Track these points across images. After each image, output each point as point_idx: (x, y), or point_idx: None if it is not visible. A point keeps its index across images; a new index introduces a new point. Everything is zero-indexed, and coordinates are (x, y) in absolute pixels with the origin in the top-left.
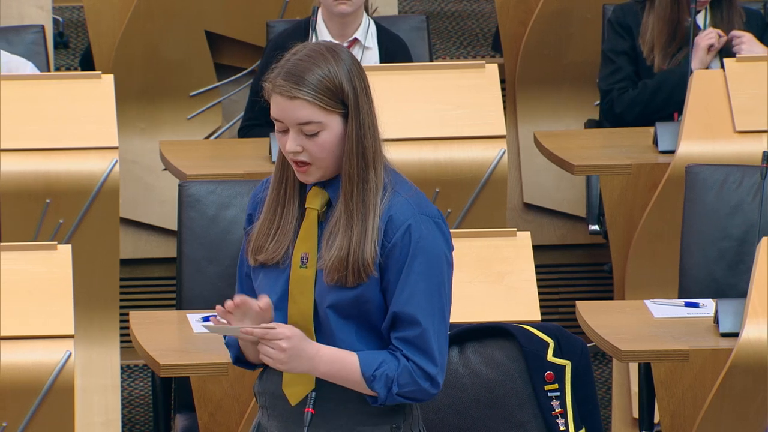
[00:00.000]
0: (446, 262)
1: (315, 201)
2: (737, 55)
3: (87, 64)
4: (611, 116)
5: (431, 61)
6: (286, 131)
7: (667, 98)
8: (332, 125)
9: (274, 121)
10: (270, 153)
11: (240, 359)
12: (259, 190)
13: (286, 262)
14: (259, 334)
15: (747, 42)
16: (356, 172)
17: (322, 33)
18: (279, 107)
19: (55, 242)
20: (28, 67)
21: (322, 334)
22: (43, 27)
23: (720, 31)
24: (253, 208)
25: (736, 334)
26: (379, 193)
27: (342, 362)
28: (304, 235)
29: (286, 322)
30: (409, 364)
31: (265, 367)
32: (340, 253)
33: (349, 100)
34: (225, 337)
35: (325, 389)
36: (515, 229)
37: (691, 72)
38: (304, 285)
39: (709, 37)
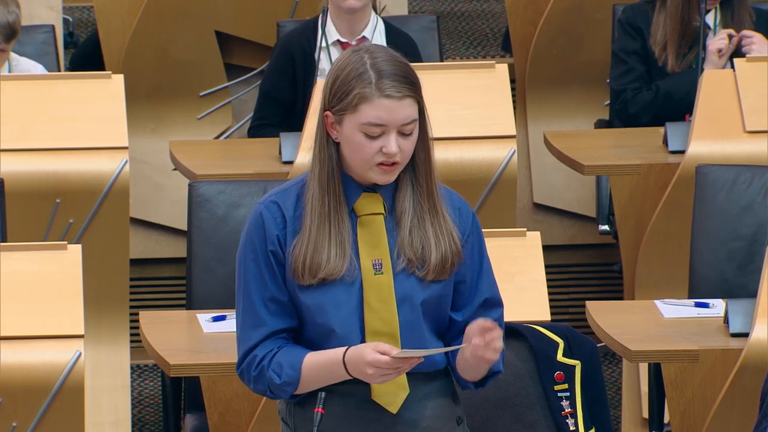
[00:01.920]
0: None
1: (376, 206)
2: (747, 56)
3: (84, 59)
4: (625, 116)
5: (441, 61)
6: (377, 137)
7: (680, 102)
8: (418, 120)
9: (369, 127)
10: (280, 153)
11: (294, 395)
12: (272, 211)
13: (353, 273)
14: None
15: (757, 42)
16: (430, 165)
17: (331, 32)
18: (385, 110)
19: (65, 242)
20: (38, 69)
21: (406, 339)
22: (53, 27)
23: (732, 31)
24: (280, 229)
25: (746, 335)
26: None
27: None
28: (371, 242)
29: (362, 334)
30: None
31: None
32: (438, 248)
33: (421, 95)
34: (278, 378)
35: (415, 389)
36: (525, 229)
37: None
38: (383, 291)
39: (718, 40)
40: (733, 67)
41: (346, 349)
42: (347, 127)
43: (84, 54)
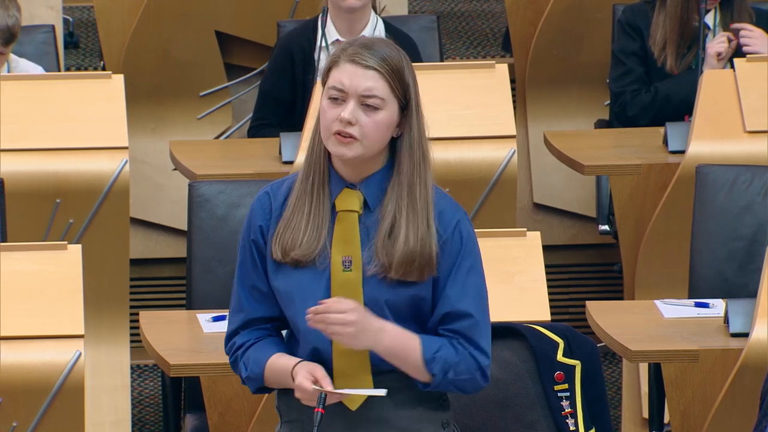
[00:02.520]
0: (481, 258)
1: (352, 203)
2: (743, 49)
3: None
4: (624, 118)
5: (441, 61)
6: (339, 103)
7: (679, 105)
8: (391, 107)
9: (331, 91)
10: (280, 153)
11: (261, 389)
12: (263, 200)
13: (324, 263)
14: (322, 309)
15: (757, 37)
16: (419, 165)
17: (331, 32)
18: (347, 74)
19: (65, 242)
20: (37, 71)
21: None
22: (53, 27)
23: (730, 35)
24: (263, 219)
25: (746, 335)
26: (434, 193)
27: (405, 339)
28: (343, 237)
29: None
30: (466, 353)
31: None
32: (408, 247)
33: (410, 93)
34: (245, 370)
35: (395, 392)
36: (525, 229)
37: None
38: (350, 289)
39: (717, 43)
40: (733, 67)
41: (298, 362)
42: (323, 96)
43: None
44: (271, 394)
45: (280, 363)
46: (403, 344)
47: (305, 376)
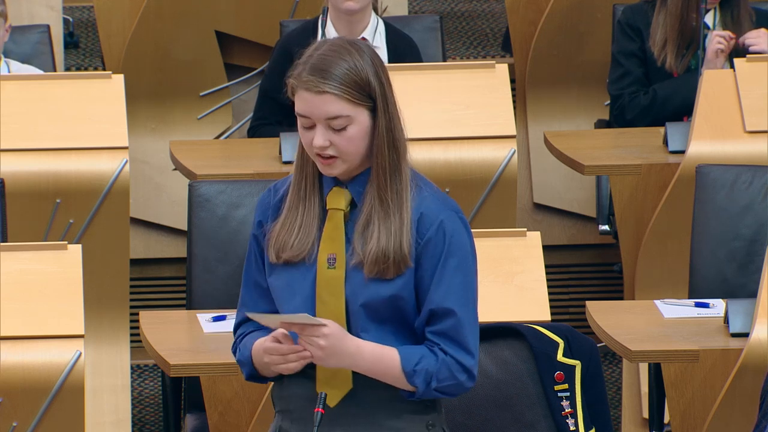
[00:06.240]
0: (473, 256)
1: (339, 201)
2: (749, 48)
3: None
4: (622, 121)
5: (444, 61)
6: (311, 127)
7: (677, 108)
8: (360, 119)
9: (299, 117)
10: (280, 153)
11: (253, 375)
12: (266, 196)
13: (311, 259)
14: (298, 329)
15: (762, 36)
16: (389, 164)
17: (330, 33)
18: (306, 103)
19: (66, 242)
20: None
21: (354, 334)
22: (48, 27)
23: (729, 33)
24: (262, 214)
25: (746, 335)
26: (409, 185)
27: (383, 358)
28: (329, 236)
29: None
30: (447, 358)
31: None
32: (380, 244)
33: (377, 93)
34: (236, 354)
35: (361, 388)
36: (525, 229)
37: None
38: (333, 286)
39: (716, 42)
40: (733, 67)
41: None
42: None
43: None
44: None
45: (260, 344)
46: (381, 363)
47: (264, 340)
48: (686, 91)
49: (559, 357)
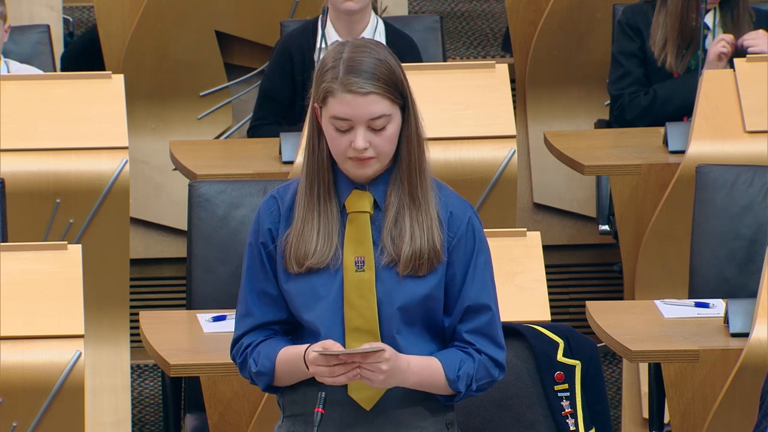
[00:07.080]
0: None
1: (362, 203)
2: (749, 49)
3: (79, 56)
4: (622, 122)
5: (445, 61)
6: (347, 131)
7: (678, 107)
8: (395, 117)
9: (335, 121)
10: (280, 153)
11: (270, 386)
12: (271, 204)
13: (337, 264)
14: (360, 358)
15: (761, 37)
16: (417, 162)
17: (330, 33)
18: (348, 105)
19: (66, 242)
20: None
21: (387, 336)
22: (48, 27)
23: (731, 37)
24: (272, 223)
25: (746, 335)
26: (432, 182)
27: (429, 369)
28: (355, 238)
29: (343, 330)
30: (482, 358)
31: None
32: (414, 241)
33: (406, 91)
34: (255, 366)
35: (389, 390)
36: (525, 229)
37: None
38: (363, 288)
39: (721, 46)
40: (733, 67)
41: (308, 346)
42: (324, 119)
43: (80, 50)
44: (273, 400)
45: (292, 352)
46: (428, 375)
47: (311, 351)
48: (686, 92)
49: (559, 357)
